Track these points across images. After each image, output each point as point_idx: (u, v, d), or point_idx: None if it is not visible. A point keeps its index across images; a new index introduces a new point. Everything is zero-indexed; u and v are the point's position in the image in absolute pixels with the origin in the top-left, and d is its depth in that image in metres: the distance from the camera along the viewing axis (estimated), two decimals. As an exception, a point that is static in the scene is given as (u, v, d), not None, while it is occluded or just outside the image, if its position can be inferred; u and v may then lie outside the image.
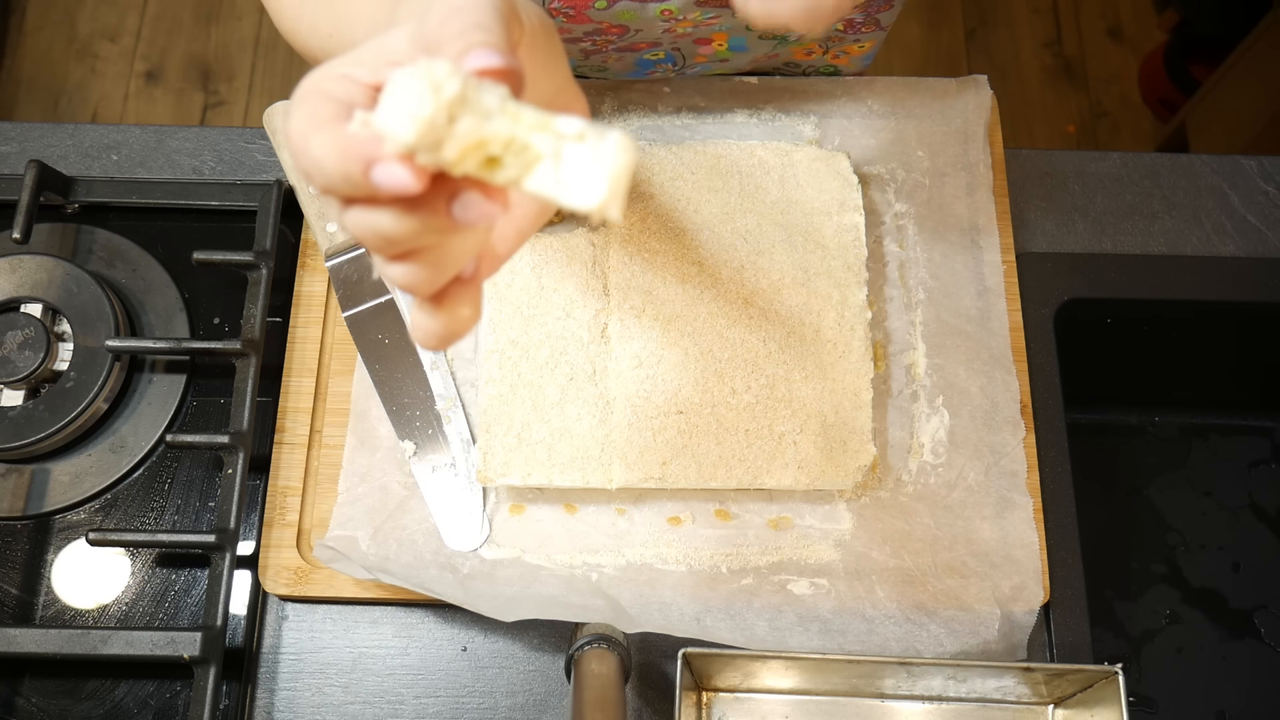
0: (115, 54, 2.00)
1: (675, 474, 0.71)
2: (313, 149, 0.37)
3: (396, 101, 0.35)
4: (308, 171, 0.38)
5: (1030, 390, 0.77)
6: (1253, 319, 0.85)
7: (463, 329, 0.42)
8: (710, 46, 0.80)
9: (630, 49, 0.80)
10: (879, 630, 0.70)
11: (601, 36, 0.77)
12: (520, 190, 0.36)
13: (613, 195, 0.35)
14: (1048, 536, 0.73)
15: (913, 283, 0.79)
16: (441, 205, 0.38)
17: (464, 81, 0.35)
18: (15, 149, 0.86)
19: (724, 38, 0.79)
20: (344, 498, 0.73)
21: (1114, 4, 2.06)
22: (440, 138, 0.35)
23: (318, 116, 0.38)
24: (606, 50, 0.79)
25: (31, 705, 0.71)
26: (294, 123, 0.38)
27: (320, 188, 0.38)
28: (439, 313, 0.42)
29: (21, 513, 0.75)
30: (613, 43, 0.77)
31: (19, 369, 0.75)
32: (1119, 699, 0.65)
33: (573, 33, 0.76)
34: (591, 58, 0.81)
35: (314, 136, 0.37)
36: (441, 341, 0.42)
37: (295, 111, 0.38)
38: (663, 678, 0.72)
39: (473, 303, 0.42)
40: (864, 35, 0.83)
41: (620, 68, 0.83)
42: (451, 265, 0.40)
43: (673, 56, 0.82)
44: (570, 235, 0.77)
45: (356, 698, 0.71)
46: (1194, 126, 1.75)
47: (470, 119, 0.35)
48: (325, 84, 0.39)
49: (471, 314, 0.42)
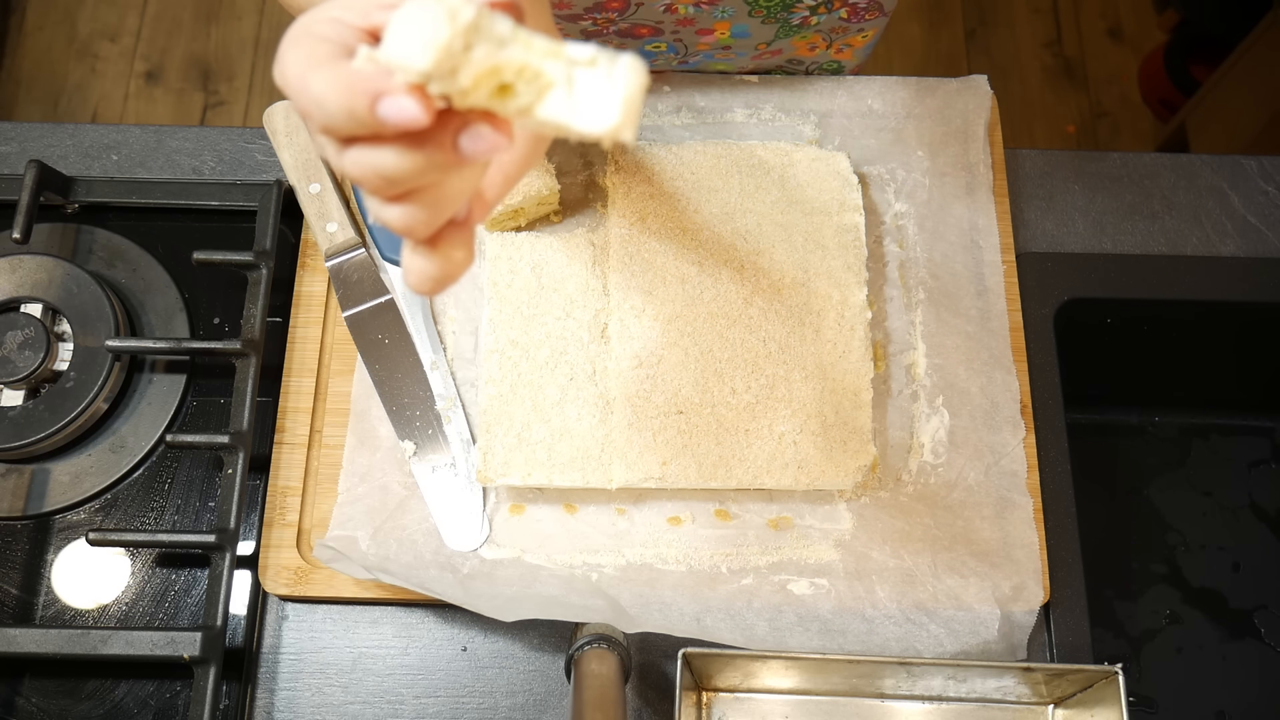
0: (115, 54, 2.00)
1: (675, 474, 0.71)
2: (313, 87, 0.37)
3: (408, 31, 0.35)
4: (306, 111, 0.38)
5: (1030, 390, 0.77)
6: (1253, 319, 0.85)
7: (457, 272, 0.42)
8: (712, 35, 0.80)
9: (631, 34, 0.79)
10: (879, 630, 0.70)
11: (602, 15, 0.76)
12: (532, 118, 0.36)
13: (626, 118, 0.35)
14: (1048, 536, 0.73)
15: (913, 283, 0.79)
16: (447, 139, 0.38)
17: (478, 8, 0.35)
18: (15, 149, 0.86)
19: (726, 26, 0.79)
20: (344, 498, 0.73)
21: (1114, 4, 2.06)
22: (456, 65, 0.35)
23: (315, 56, 0.38)
24: (608, 32, 0.79)
25: (31, 705, 0.71)
26: (290, 64, 0.38)
27: (320, 127, 0.38)
28: (434, 255, 0.42)
29: (21, 513, 0.75)
30: (614, 23, 0.77)
31: (19, 369, 0.75)
32: (1119, 699, 0.65)
33: (573, 6, 0.76)
34: (593, 39, 0.81)
35: (314, 75, 0.37)
36: (436, 284, 0.42)
37: (289, 54, 0.38)
38: (663, 678, 0.72)
39: (466, 245, 0.42)
40: (867, 23, 0.83)
41: None
42: (449, 205, 0.41)
43: (675, 47, 0.82)
44: (570, 235, 0.77)
45: (356, 698, 0.71)
46: (1194, 126, 1.75)
47: (485, 46, 0.35)
48: (316, 26, 0.39)
49: (465, 257, 0.42)
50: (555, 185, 0.78)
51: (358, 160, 0.38)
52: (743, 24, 0.79)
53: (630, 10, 0.76)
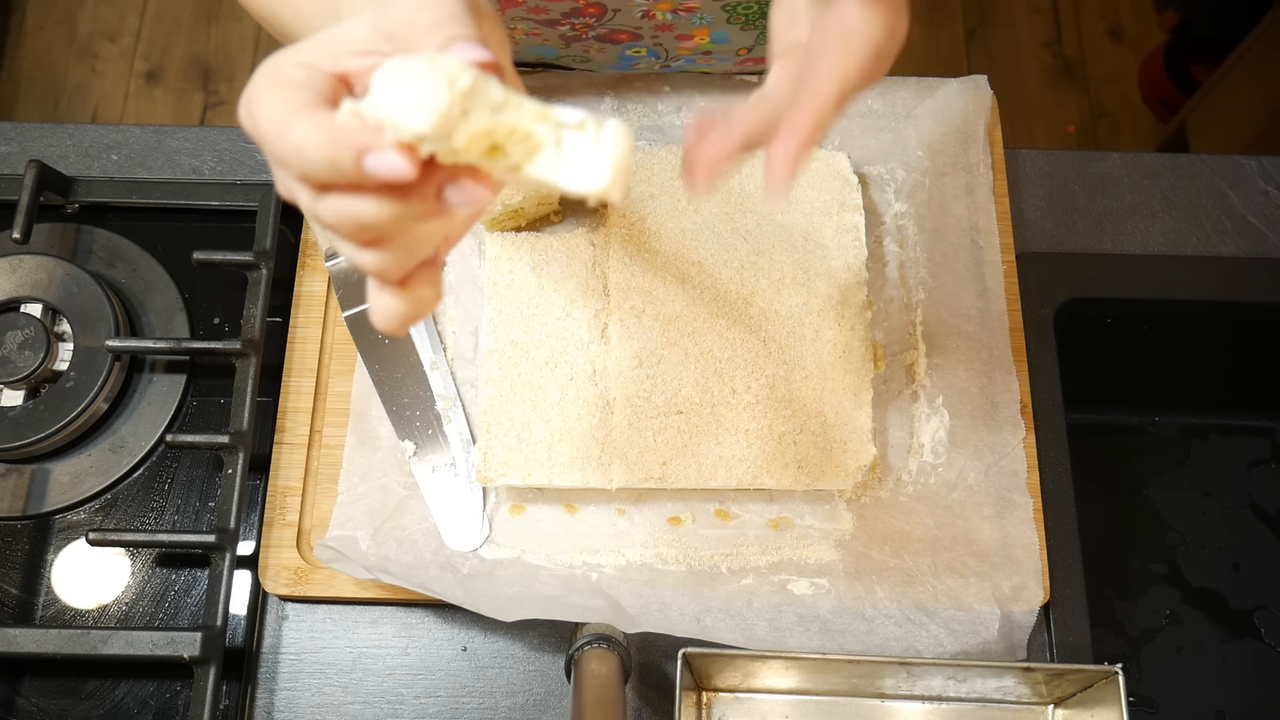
0: (115, 54, 2.00)
1: (675, 474, 0.71)
2: (293, 135, 0.37)
3: (401, 91, 0.35)
4: (282, 157, 0.38)
5: (1030, 390, 0.77)
6: (1253, 319, 0.84)
7: (425, 310, 0.43)
8: (692, 41, 0.80)
9: (611, 40, 0.79)
10: (879, 630, 0.70)
11: (579, 20, 0.76)
12: (520, 176, 0.37)
13: (615, 180, 0.36)
14: (1048, 536, 0.73)
15: (913, 283, 0.79)
16: (430, 191, 0.38)
17: (475, 75, 0.35)
18: (15, 149, 0.86)
19: (705, 32, 0.78)
20: (344, 498, 0.73)
21: (1114, 4, 2.06)
22: (451, 128, 0.35)
23: (292, 103, 0.37)
24: (587, 37, 0.78)
25: (31, 705, 0.71)
26: (264, 109, 0.38)
27: (297, 174, 0.38)
28: (403, 295, 0.42)
29: (21, 513, 0.75)
30: (592, 27, 0.77)
31: (19, 369, 0.75)
32: (1119, 699, 0.65)
33: (550, 12, 0.75)
34: (572, 45, 0.80)
35: (294, 123, 0.37)
36: (404, 323, 0.43)
37: (262, 98, 0.38)
38: (663, 678, 0.72)
39: (434, 284, 0.43)
40: None
41: (603, 60, 0.83)
42: (423, 249, 0.41)
43: (655, 52, 0.81)
44: (570, 235, 0.77)
45: (356, 698, 0.71)
46: (1194, 126, 1.75)
47: (480, 110, 0.36)
48: (287, 71, 0.39)
49: (433, 295, 0.43)
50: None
51: (335, 208, 0.38)
52: (722, 30, 0.78)
53: (608, 16, 0.75)
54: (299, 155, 0.37)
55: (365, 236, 0.39)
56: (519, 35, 0.79)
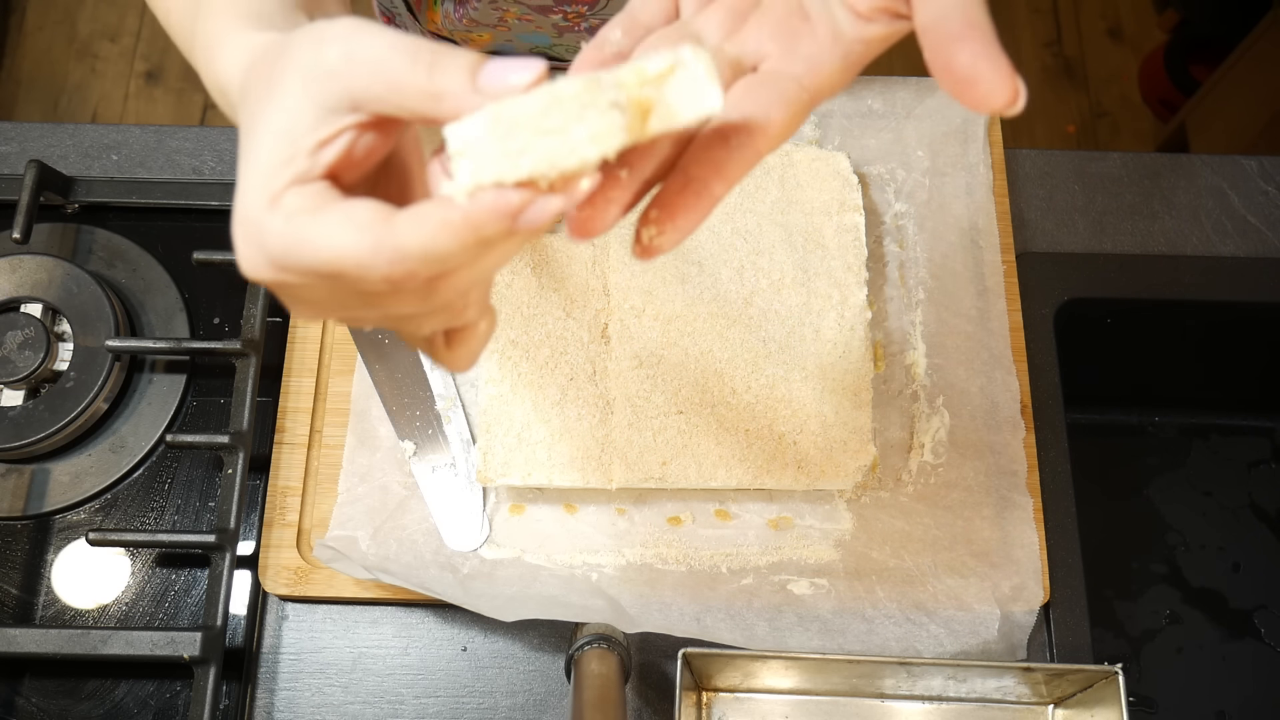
0: (115, 54, 2.00)
1: (675, 474, 0.71)
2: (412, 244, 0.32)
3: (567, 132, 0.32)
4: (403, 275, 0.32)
5: (1030, 390, 0.77)
6: (1253, 319, 0.84)
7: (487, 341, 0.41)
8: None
9: None
10: (879, 630, 0.70)
11: (572, 9, 0.75)
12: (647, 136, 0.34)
13: (721, 91, 0.34)
14: (1048, 536, 0.73)
15: (913, 283, 0.79)
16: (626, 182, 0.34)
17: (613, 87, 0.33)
18: (15, 149, 0.86)
19: None
20: (344, 498, 0.73)
21: (1114, 4, 2.06)
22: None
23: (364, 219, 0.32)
24: (579, 28, 0.78)
25: (31, 705, 0.71)
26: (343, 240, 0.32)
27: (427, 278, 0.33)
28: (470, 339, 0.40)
29: (21, 513, 0.75)
30: (585, 17, 0.76)
31: (19, 369, 0.75)
32: (1119, 699, 0.65)
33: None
34: (565, 35, 0.80)
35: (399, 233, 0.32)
36: (472, 361, 0.41)
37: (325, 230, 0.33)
38: (663, 678, 0.72)
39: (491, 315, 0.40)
40: None
41: None
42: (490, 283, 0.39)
43: None
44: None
45: (356, 698, 0.71)
46: (1194, 126, 1.75)
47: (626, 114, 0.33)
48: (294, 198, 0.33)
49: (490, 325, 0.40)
50: (555, 185, 0.77)
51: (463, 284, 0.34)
52: None
53: (600, 6, 0.75)
54: (428, 259, 0.32)
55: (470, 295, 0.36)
56: (511, 19, 0.78)
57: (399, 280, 0.33)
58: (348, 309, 0.36)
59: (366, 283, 0.33)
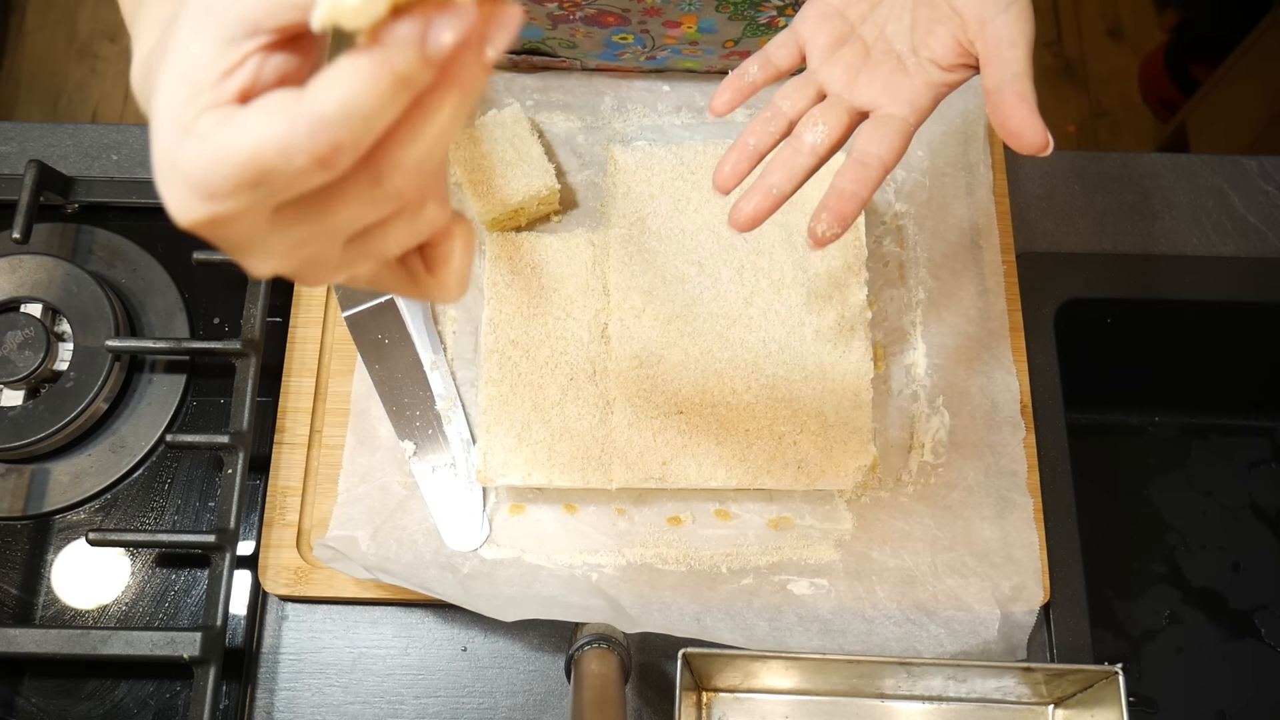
0: (115, 54, 2.00)
1: (675, 474, 0.71)
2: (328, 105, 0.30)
3: None
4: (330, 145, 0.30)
5: (1030, 390, 0.77)
6: (1253, 319, 0.84)
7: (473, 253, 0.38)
8: (679, 29, 0.79)
9: (598, 22, 0.78)
10: (879, 630, 0.70)
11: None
12: None
13: None
14: (1048, 536, 0.73)
15: (913, 283, 0.79)
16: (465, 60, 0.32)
17: None
18: (15, 149, 0.86)
19: (693, 19, 0.78)
20: (344, 498, 0.73)
21: (1114, 4, 2.06)
22: None
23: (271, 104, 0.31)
24: (574, 19, 0.78)
25: (31, 705, 0.71)
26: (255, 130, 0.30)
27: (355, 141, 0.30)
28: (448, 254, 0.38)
29: (21, 513, 0.75)
30: (580, 7, 0.76)
31: (19, 369, 0.75)
32: (1119, 699, 0.65)
33: None
34: (559, 27, 0.80)
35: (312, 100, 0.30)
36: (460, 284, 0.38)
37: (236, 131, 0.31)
38: (663, 678, 0.72)
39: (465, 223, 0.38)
40: None
41: (589, 46, 0.82)
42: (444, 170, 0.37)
43: (641, 39, 0.81)
44: (570, 235, 0.77)
45: (356, 698, 0.71)
46: (1194, 126, 1.74)
47: None
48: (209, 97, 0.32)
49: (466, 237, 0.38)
50: (555, 185, 0.78)
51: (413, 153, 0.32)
52: (710, 18, 0.78)
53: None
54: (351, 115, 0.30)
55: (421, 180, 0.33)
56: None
57: (328, 157, 0.30)
58: (299, 239, 0.34)
59: (295, 175, 0.31)
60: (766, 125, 0.56)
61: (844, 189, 0.54)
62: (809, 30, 0.57)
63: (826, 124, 0.55)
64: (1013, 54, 0.52)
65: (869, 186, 0.54)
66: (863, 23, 0.57)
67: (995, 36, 0.53)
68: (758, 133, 0.56)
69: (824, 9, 0.57)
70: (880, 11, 0.57)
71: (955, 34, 0.54)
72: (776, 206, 0.55)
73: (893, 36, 0.56)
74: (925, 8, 0.55)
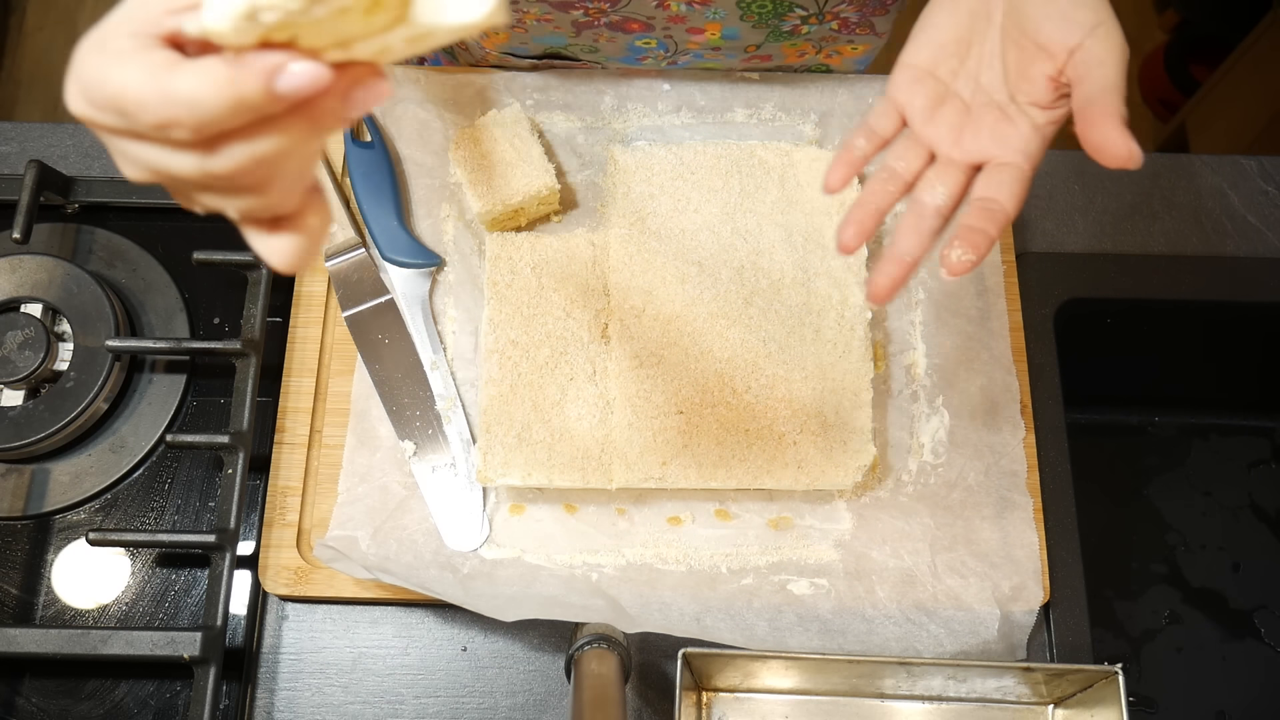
0: (115, 54, 2.00)
1: (675, 474, 0.71)
2: (180, 89, 0.34)
3: None
4: (170, 119, 0.34)
5: (1030, 390, 0.77)
6: (1253, 319, 0.85)
7: (321, 238, 0.41)
8: (703, 35, 0.80)
9: (623, 28, 0.79)
10: (879, 630, 0.70)
11: (593, 5, 0.76)
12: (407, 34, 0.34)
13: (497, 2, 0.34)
14: (1048, 536, 0.73)
15: (913, 283, 0.79)
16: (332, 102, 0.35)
17: None
18: (15, 149, 0.86)
19: (717, 27, 0.79)
20: (344, 498, 0.73)
21: (1114, 4, 2.05)
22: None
23: (158, 62, 0.34)
24: (599, 24, 0.78)
25: (31, 705, 0.71)
26: (128, 77, 0.34)
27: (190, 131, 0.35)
28: (298, 230, 0.40)
29: (21, 513, 0.75)
30: (605, 13, 0.76)
31: (19, 369, 0.75)
32: (1119, 699, 0.65)
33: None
34: (583, 33, 0.80)
35: (175, 78, 0.34)
36: (305, 260, 0.41)
37: (116, 69, 0.35)
38: (663, 678, 0.72)
39: (323, 209, 0.41)
40: (858, 37, 0.83)
41: (612, 50, 0.83)
42: (308, 173, 0.39)
43: (665, 44, 0.81)
44: (570, 235, 0.77)
45: (356, 698, 0.71)
46: (1194, 126, 1.74)
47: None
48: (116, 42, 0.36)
49: (325, 220, 0.41)
50: (555, 185, 0.78)
51: (239, 155, 0.35)
52: (734, 26, 0.79)
53: (623, 3, 0.75)
54: (193, 107, 0.34)
55: (260, 174, 0.37)
56: (530, 20, 0.79)
57: (164, 126, 0.35)
58: (148, 166, 0.38)
59: (145, 123, 0.35)
60: (885, 185, 0.57)
61: (973, 225, 0.53)
62: (904, 96, 0.57)
63: (944, 185, 0.55)
64: (1100, 72, 0.54)
65: (996, 226, 0.53)
66: (955, 79, 0.57)
67: (1084, 60, 0.54)
68: (877, 193, 0.57)
69: (914, 72, 0.57)
70: (970, 65, 0.56)
71: (1047, 72, 0.54)
72: (910, 272, 0.55)
73: (989, 87, 0.56)
74: (1013, 51, 0.55)
